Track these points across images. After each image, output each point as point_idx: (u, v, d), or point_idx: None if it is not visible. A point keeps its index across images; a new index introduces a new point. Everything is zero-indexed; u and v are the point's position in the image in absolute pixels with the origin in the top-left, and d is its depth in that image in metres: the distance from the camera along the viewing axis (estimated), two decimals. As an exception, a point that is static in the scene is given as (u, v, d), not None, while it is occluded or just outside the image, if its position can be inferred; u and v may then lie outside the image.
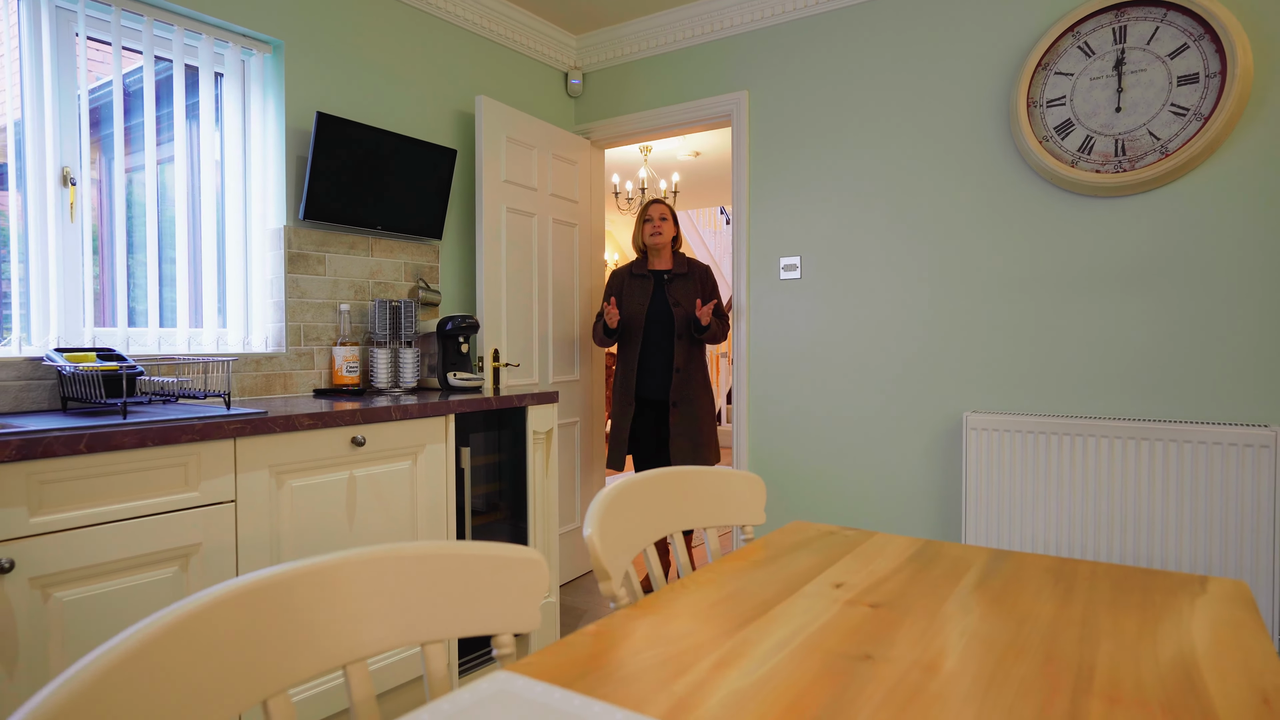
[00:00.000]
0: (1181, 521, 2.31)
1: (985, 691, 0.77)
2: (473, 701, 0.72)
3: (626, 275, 3.30)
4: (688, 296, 3.19)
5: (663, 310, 3.20)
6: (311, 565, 0.79)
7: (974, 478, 2.64)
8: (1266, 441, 2.20)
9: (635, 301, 3.23)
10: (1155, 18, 2.39)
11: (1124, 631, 0.93)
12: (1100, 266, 2.54)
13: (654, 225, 3.23)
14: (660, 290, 3.23)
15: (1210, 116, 2.31)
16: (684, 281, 3.22)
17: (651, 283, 3.23)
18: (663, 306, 3.20)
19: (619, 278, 3.31)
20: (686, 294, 3.20)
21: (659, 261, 3.28)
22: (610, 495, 1.16)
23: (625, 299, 3.25)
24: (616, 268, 3.14)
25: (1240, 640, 0.90)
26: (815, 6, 3.06)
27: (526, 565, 0.95)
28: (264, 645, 0.76)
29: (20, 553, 1.46)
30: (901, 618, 0.98)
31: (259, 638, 0.76)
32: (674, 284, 3.21)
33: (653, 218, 3.24)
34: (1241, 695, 0.76)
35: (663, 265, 3.28)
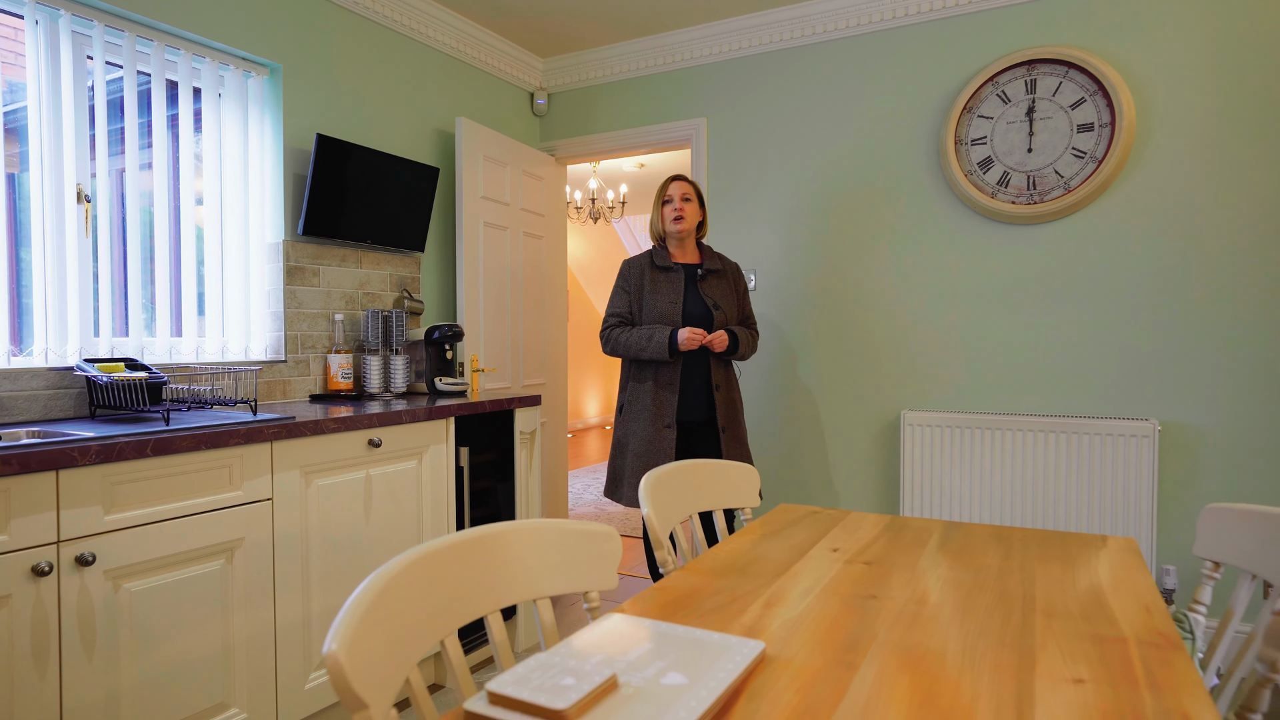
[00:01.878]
0: (1083, 496, 2.74)
1: (963, 615, 1.07)
2: (607, 630, 0.97)
3: (646, 266, 2.70)
4: (726, 298, 2.68)
5: (700, 312, 2.65)
6: (492, 530, 1.03)
7: (909, 466, 3.02)
8: (1147, 432, 2.64)
9: (665, 300, 2.64)
10: (1059, 74, 2.81)
11: (1051, 574, 1.26)
12: (1016, 284, 2.94)
13: (675, 207, 2.65)
14: (693, 288, 2.68)
15: (1103, 159, 2.74)
16: (718, 279, 2.70)
17: (681, 278, 2.67)
18: (699, 308, 2.65)
19: (636, 269, 2.71)
20: (724, 295, 2.68)
21: (684, 253, 2.73)
22: (659, 475, 1.42)
23: (650, 296, 2.66)
24: (630, 257, 2.74)
25: (1130, 576, 1.24)
26: (768, 45, 3.38)
27: (609, 538, 1.20)
28: (470, 579, 0.99)
29: (98, 548, 1.61)
30: (890, 571, 1.28)
31: (466, 574, 0.99)
32: (709, 280, 2.69)
33: (673, 197, 2.66)
34: (1131, 607, 1.09)
35: (690, 258, 2.74)
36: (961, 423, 2.93)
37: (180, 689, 1.77)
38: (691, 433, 2.70)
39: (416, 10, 3.16)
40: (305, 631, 2.08)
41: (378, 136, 3.07)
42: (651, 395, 2.64)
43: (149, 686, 1.71)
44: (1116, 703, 0.81)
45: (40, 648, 1.52)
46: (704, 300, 2.65)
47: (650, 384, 2.65)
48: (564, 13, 3.32)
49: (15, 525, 1.48)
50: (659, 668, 0.86)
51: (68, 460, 1.54)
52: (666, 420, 2.61)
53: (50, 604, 1.54)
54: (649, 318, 2.65)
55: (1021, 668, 0.90)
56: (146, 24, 2.34)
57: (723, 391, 2.66)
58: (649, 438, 2.62)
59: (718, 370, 2.66)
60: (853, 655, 0.93)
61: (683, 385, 2.65)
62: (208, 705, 1.83)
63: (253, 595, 1.93)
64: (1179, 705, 0.80)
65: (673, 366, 2.62)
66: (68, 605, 1.56)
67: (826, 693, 0.83)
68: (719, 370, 2.67)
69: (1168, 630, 1.00)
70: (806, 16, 3.25)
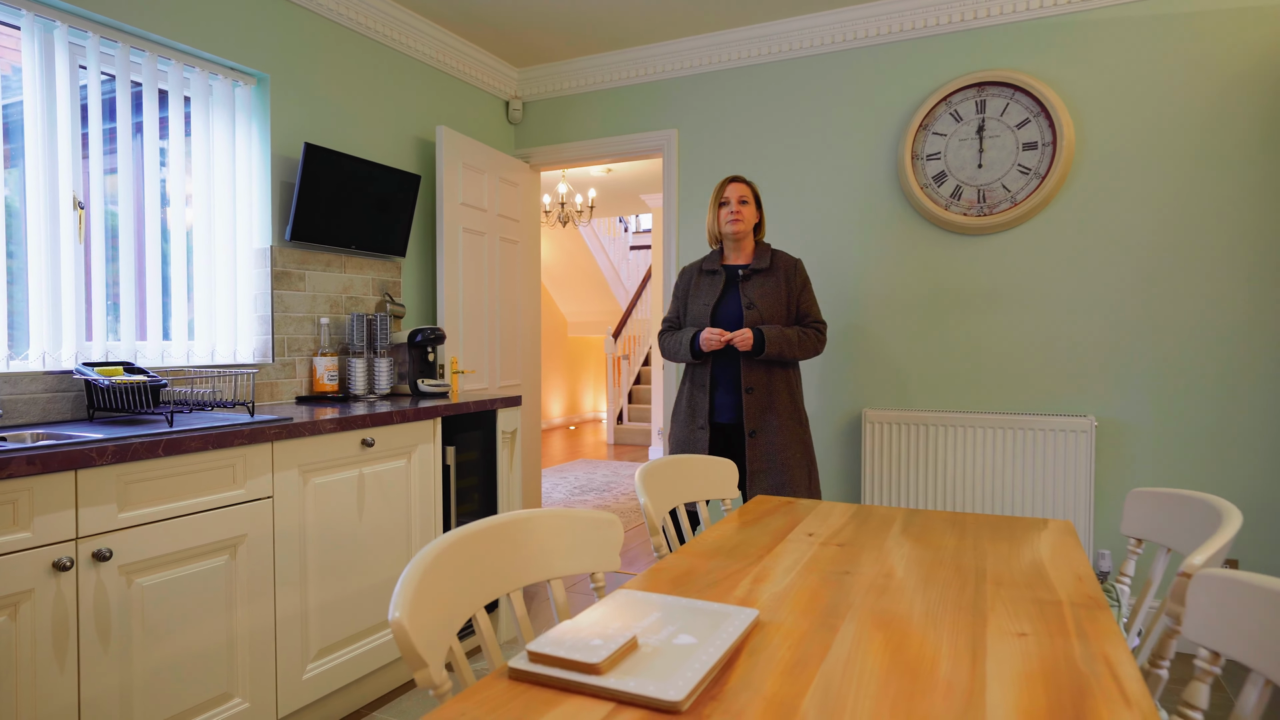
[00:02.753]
0: (1029, 485, 2.95)
1: (926, 585, 1.24)
2: (620, 603, 1.10)
3: (696, 272, 2.74)
4: (767, 296, 2.58)
5: (733, 313, 2.61)
6: (517, 516, 1.16)
7: (870, 459, 3.21)
8: (1086, 428, 2.87)
9: (700, 302, 2.65)
10: (1006, 96, 3.03)
11: (1000, 551, 1.43)
12: (968, 291, 3.15)
13: (731, 210, 2.62)
14: (733, 288, 2.64)
15: (1046, 175, 2.97)
16: (764, 278, 2.61)
17: (722, 279, 2.65)
18: (733, 308, 2.61)
19: (688, 276, 2.76)
20: (766, 294, 2.59)
21: (740, 254, 2.69)
22: (651, 467, 1.56)
23: (692, 300, 2.69)
24: (688, 265, 2.82)
25: (1066, 552, 1.42)
26: (737, 61, 3.54)
27: (612, 525, 1.33)
28: (498, 559, 1.12)
29: (113, 544, 1.69)
30: (860, 551, 1.44)
31: (495, 555, 1.11)
32: (751, 281, 2.61)
33: (729, 200, 2.63)
34: (1066, 576, 1.26)
35: (744, 259, 2.69)
36: (918, 420, 3.13)
37: (187, 679, 1.85)
38: (729, 435, 2.65)
39: (398, 22, 3.24)
40: (303, 624, 2.16)
41: (360, 144, 3.15)
42: (688, 397, 2.68)
43: (158, 677, 1.79)
44: (1052, 650, 0.97)
45: (60, 640, 1.60)
46: (740, 300, 2.60)
47: (688, 385, 2.69)
48: (539, 27, 3.43)
49: (38, 522, 1.55)
50: (670, 631, 1.00)
51: (86, 460, 1.61)
52: (700, 422, 2.61)
53: (69, 598, 1.61)
54: (688, 321, 2.70)
55: (975, 625, 1.06)
56: (139, 35, 2.40)
57: (755, 394, 2.55)
58: (684, 439, 2.66)
59: (751, 372, 2.56)
60: (833, 619, 1.08)
61: (715, 386, 2.62)
62: (213, 695, 1.92)
63: (254, 589, 2.02)
64: (1102, 650, 0.96)
65: (704, 368, 2.62)
66: (85, 599, 1.64)
67: (814, 648, 0.98)
68: (752, 372, 2.56)
69: (1095, 594, 1.18)
70: (773, 35, 3.42)
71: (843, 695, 0.85)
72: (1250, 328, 2.74)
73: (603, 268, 10.06)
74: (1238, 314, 2.76)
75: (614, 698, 0.85)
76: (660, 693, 0.83)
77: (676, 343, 2.68)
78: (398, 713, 2.39)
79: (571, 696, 0.86)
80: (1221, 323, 2.78)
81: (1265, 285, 2.72)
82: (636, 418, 9.33)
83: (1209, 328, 2.80)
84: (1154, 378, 2.88)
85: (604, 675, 0.88)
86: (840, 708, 0.82)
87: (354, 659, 2.32)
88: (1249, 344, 2.75)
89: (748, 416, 2.55)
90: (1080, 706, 0.82)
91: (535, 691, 0.87)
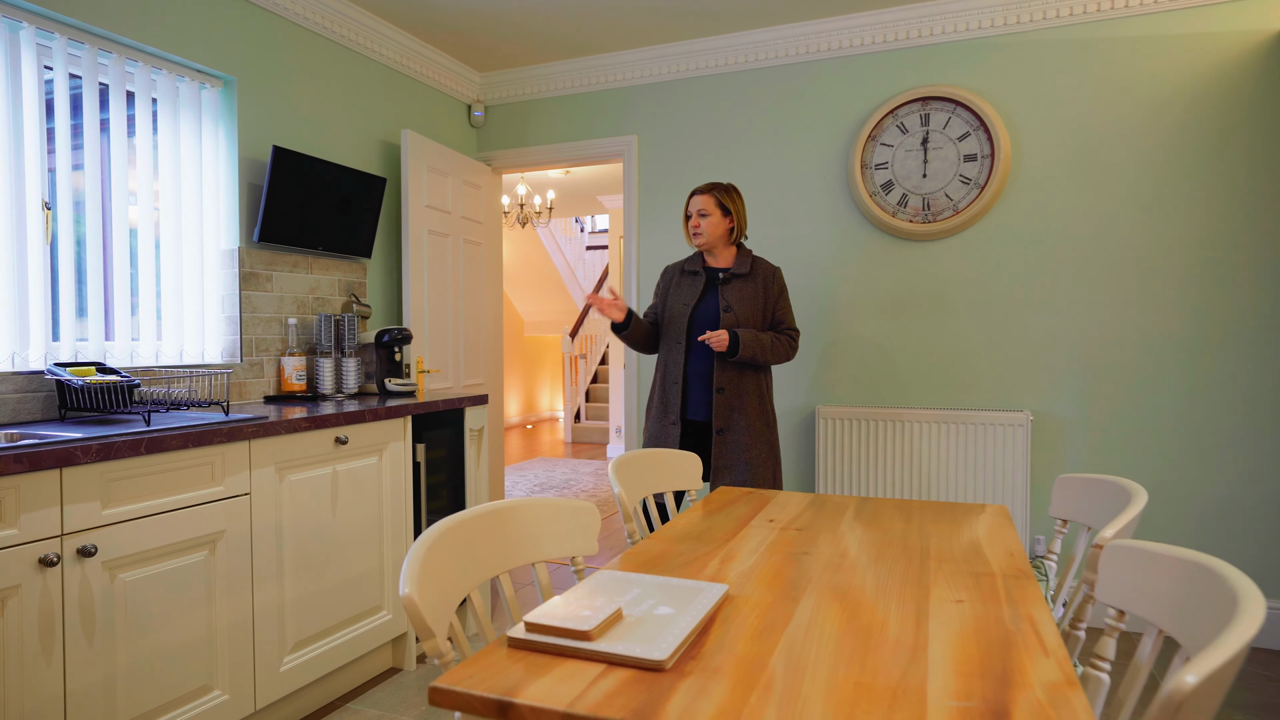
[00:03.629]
0: (969, 474, 3.15)
1: (876, 562, 1.37)
2: (602, 581, 1.20)
3: (678, 271, 2.84)
4: (745, 301, 2.68)
5: (710, 313, 2.70)
6: (508, 503, 1.25)
7: (823, 452, 3.37)
8: (1022, 422, 3.07)
9: (680, 301, 2.75)
10: (948, 110, 3.21)
11: (942, 533, 1.58)
12: (914, 293, 3.34)
13: (694, 224, 2.73)
14: (713, 290, 2.74)
15: (985, 185, 3.16)
16: (743, 283, 2.70)
17: (703, 280, 2.75)
18: (711, 309, 2.70)
19: (670, 274, 2.86)
20: (744, 298, 2.68)
21: (719, 259, 2.78)
22: (623, 459, 1.66)
23: (672, 298, 2.79)
24: (670, 264, 2.93)
25: (1001, 532, 1.57)
26: (696, 71, 3.67)
27: (591, 512, 1.44)
28: (491, 543, 1.21)
29: (98, 540, 1.73)
30: (817, 534, 1.57)
31: (488, 539, 1.21)
32: (730, 285, 2.70)
33: (691, 214, 2.74)
34: (999, 553, 1.41)
35: (724, 263, 2.78)
36: (868, 415, 3.30)
37: (168, 672, 1.90)
38: (700, 432, 2.74)
39: (364, 26, 3.28)
40: (280, 618, 2.21)
41: (327, 146, 3.18)
42: (661, 392, 2.76)
43: (141, 670, 1.83)
44: (985, 613, 1.11)
45: (46, 634, 1.63)
46: (718, 302, 2.69)
47: (660, 380, 2.77)
48: (502, 34, 3.51)
49: (25, 520, 1.59)
50: (651, 604, 1.11)
51: (71, 459, 1.65)
52: (672, 418, 2.70)
53: (55, 593, 1.65)
54: (666, 318, 2.79)
55: (919, 595, 1.19)
56: (106, 36, 2.41)
57: (726, 394, 2.64)
58: (656, 434, 2.76)
59: (723, 372, 2.65)
60: (795, 592, 1.21)
61: (689, 383, 2.71)
62: (193, 687, 1.96)
63: (233, 584, 2.07)
64: (1027, 613, 1.11)
65: (676, 363, 2.71)
66: (70, 594, 1.68)
67: (779, 616, 1.10)
68: (724, 372, 2.65)
69: (1024, 568, 1.32)
70: (731, 47, 3.56)
71: (805, 653, 0.97)
72: (1168, 330, 2.98)
73: (559, 267, 10.12)
74: (1158, 317, 2.99)
75: (605, 660, 0.95)
76: (646, 654, 0.94)
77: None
78: (372, 703, 2.45)
79: (566, 660, 0.96)
80: (1143, 325, 3.01)
81: (1182, 291, 2.96)
82: (594, 416, 9.42)
83: (1132, 330, 3.02)
84: (1083, 375, 3.09)
85: (594, 641, 0.98)
86: (803, 663, 0.94)
87: (329, 651, 2.37)
88: (1167, 345, 2.98)
89: (717, 415, 2.64)
90: (1006, 657, 0.96)
91: (533, 657, 0.97)
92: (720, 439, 2.65)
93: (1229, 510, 2.93)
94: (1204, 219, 2.93)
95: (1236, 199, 2.89)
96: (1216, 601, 0.88)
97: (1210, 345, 2.93)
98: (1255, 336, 2.88)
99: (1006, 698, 0.84)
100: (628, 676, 0.91)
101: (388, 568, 2.63)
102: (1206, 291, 2.93)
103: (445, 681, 0.90)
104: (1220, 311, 2.92)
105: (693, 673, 0.92)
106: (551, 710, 0.84)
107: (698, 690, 0.87)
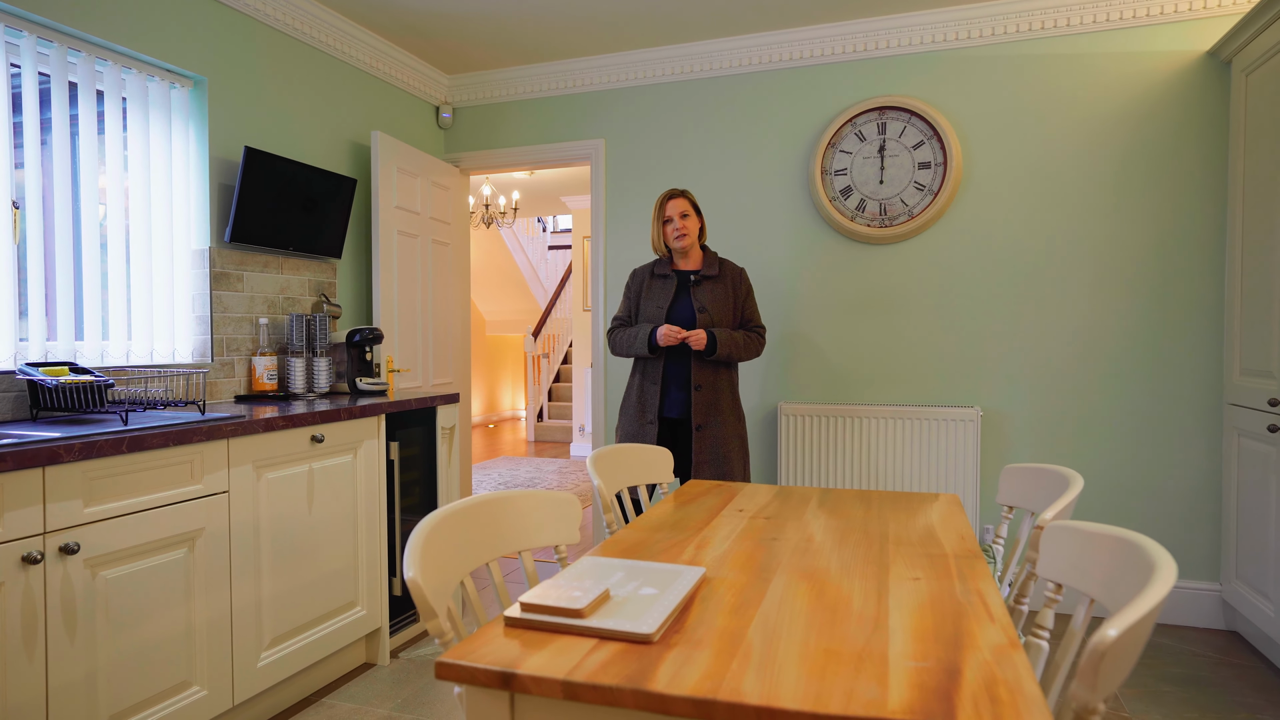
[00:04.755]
0: (924, 466, 3.30)
1: (840, 546, 1.48)
2: (582, 569, 1.28)
3: (648, 275, 2.93)
4: (717, 301, 2.80)
5: (685, 315, 2.81)
6: (500, 494, 1.32)
7: (785, 447, 3.49)
8: (973, 417, 3.24)
9: (654, 304, 2.84)
10: (904, 120, 3.36)
11: (900, 519, 1.69)
12: (871, 295, 3.48)
13: (676, 226, 2.80)
14: (685, 292, 2.86)
15: (938, 192, 3.31)
16: (713, 284, 2.82)
17: (674, 283, 2.85)
18: (685, 311, 2.82)
19: (640, 278, 2.94)
20: (716, 299, 2.80)
21: (686, 261, 2.90)
22: (601, 453, 1.74)
23: (645, 301, 2.88)
24: (637, 267, 3.01)
25: (953, 519, 1.69)
26: (663, 77, 3.76)
27: (573, 504, 1.52)
28: (483, 532, 1.28)
29: (80, 538, 1.75)
30: (785, 522, 1.68)
31: (481, 527, 1.27)
32: (702, 286, 2.82)
33: (673, 217, 2.81)
34: (951, 536, 1.53)
35: (692, 265, 2.90)
36: (828, 412, 3.43)
37: (148, 668, 1.92)
38: (676, 429, 2.86)
39: (334, 28, 3.30)
40: (258, 614, 2.24)
41: (296, 147, 3.19)
42: (638, 391, 2.86)
43: (122, 666, 1.85)
44: (938, 588, 1.22)
45: (29, 631, 1.65)
46: (692, 304, 2.80)
47: (638, 380, 2.88)
48: (470, 39, 3.55)
49: (8, 517, 1.61)
50: (635, 585, 1.19)
51: (54, 457, 1.67)
52: (650, 417, 2.80)
53: (38, 590, 1.67)
54: (641, 320, 2.88)
55: (879, 574, 1.30)
56: (75, 35, 2.40)
57: (703, 392, 2.76)
58: (633, 432, 2.85)
59: (700, 371, 2.77)
60: (767, 573, 1.31)
61: (667, 383, 2.82)
62: (172, 683, 1.98)
63: (211, 581, 2.09)
64: (976, 587, 1.22)
65: (656, 364, 2.80)
66: (53, 592, 1.69)
67: (753, 594, 1.20)
68: (701, 371, 2.77)
69: (974, 549, 1.44)
70: (696, 54, 3.66)
71: (778, 626, 1.07)
72: (1105, 330, 3.17)
73: (521, 267, 10.14)
74: (1096, 318, 3.18)
75: (597, 635, 1.03)
76: (635, 628, 1.02)
77: (631, 337, 2.84)
78: (347, 697, 2.49)
79: (561, 636, 1.04)
80: (1085, 326, 3.20)
81: (1117, 293, 3.15)
82: (557, 415, 9.46)
83: (1075, 330, 3.21)
84: (1030, 373, 3.27)
85: (586, 618, 1.06)
86: (777, 634, 1.04)
87: (305, 647, 2.40)
88: (1106, 344, 3.17)
89: (696, 412, 2.76)
90: (958, 624, 1.06)
91: (529, 634, 1.05)
92: (700, 435, 2.77)
93: (1158, 496, 3.12)
94: (1138, 225, 3.13)
95: (1169, 206, 3.09)
96: (1137, 570, 1.00)
97: (1141, 345, 3.13)
98: (1183, 338, 3.08)
99: (958, 658, 0.95)
100: (619, 649, 0.99)
101: (362, 565, 2.67)
102: (1139, 294, 3.13)
103: (450, 657, 0.97)
104: (1151, 313, 3.11)
105: (678, 644, 1.01)
106: (552, 679, 0.92)
107: (684, 659, 0.96)
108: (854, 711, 0.81)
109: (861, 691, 0.86)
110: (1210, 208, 3.05)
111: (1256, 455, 2.74)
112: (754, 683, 0.89)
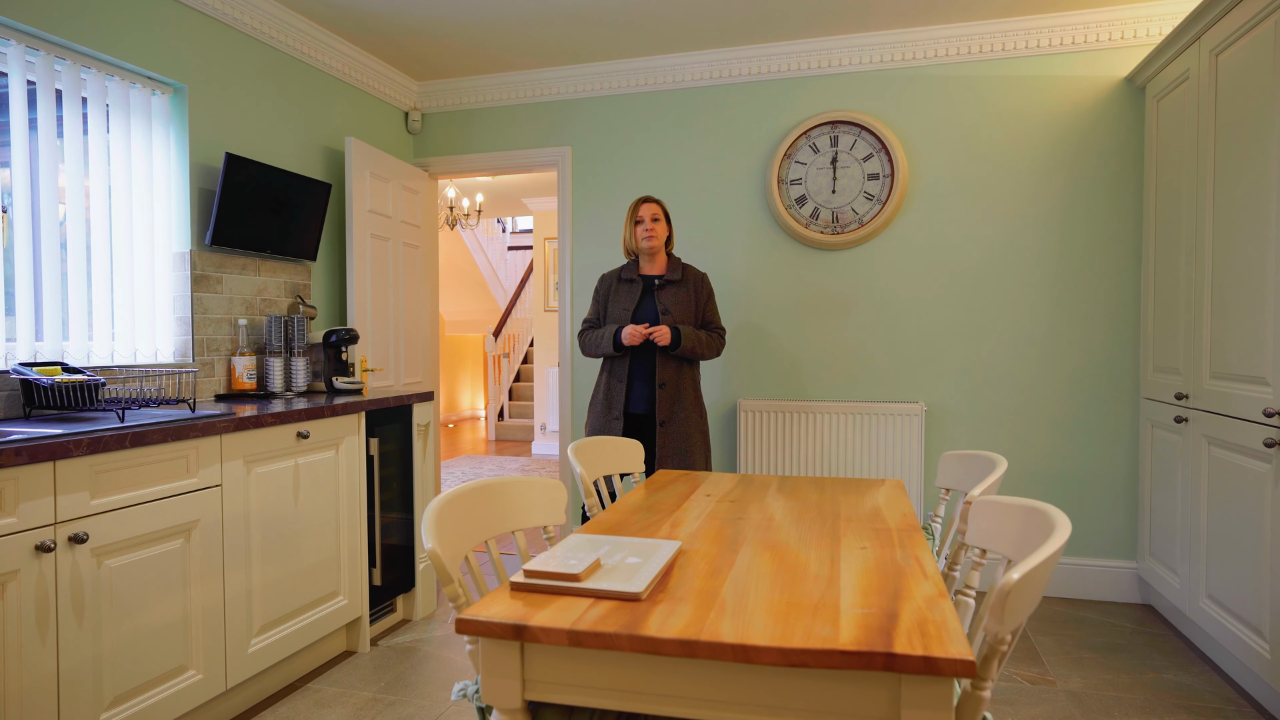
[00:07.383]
0: (872, 458, 3.54)
1: (797, 523, 1.67)
2: (573, 544, 1.45)
3: (615, 280, 3.11)
4: (680, 304, 3.00)
5: (650, 318, 3.01)
6: (499, 480, 1.48)
7: (744, 440, 3.70)
8: (917, 412, 3.49)
9: (620, 307, 3.03)
10: (854, 133, 3.59)
11: (850, 501, 1.90)
12: (825, 298, 3.71)
13: (646, 228, 3.00)
14: (649, 296, 3.04)
15: (886, 201, 3.55)
16: (677, 288, 3.02)
17: (640, 287, 3.04)
18: (650, 314, 3.01)
19: (607, 283, 3.13)
20: (679, 302, 3.00)
21: (651, 266, 3.09)
22: (581, 444, 1.91)
23: (612, 304, 3.07)
24: (606, 272, 3.19)
25: (897, 501, 1.90)
26: (627, 88, 3.93)
27: (560, 489, 1.68)
28: (485, 512, 1.43)
29: (88, 528, 1.84)
30: (748, 504, 1.87)
31: (483, 508, 1.43)
32: (665, 290, 3.01)
33: (644, 219, 3.01)
34: (895, 513, 1.74)
35: (658, 270, 3.09)
36: (784, 408, 3.65)
37: (149, 653, 2.02)
38: (641, 424, 3.04)
39: (309, 36, 3.39)
40: (248, 602, 2.35)
41: (273, 152, 3.28)
42: (605, 389, 3.04)
43: (125, 651, 1.95)
44: (882, 555, 1.42)
45: (42, 616, 1.75)
46: (656, 307, 2.99)
47: (605, 378, 3.06)
48: (439, 48, 3.67)
49: (23, 509, 1.70)
50: (621, 556, 1.36)
51: (65, 451, 1.77)
52: (615, 412, 2.98)
53: (50, 578, 1.76)
54: (609, 322, 3.07)
55: (832, 545, 1.49)
56: (60, 44, 2.46)
57: (667, 389, 2.94)
58: (600, 427, 3.03)
59: (664, 369, 2.95)
60: (735, 546, 1.49)
61: (633, 380, 3.00)
62: (170, 667, 2.09)
63: (206, 570, 2.20)
64: (914, 554, 1.42)
65: (622, 363, 2.99)
66: (63, 579, 1.79)
67: (724, 563, 1.38)
68: (665, 369, 2.95)
69: (914, 524, 1.65)
70: (659, 67, 3.84)
71: (747, 585, 1.25)
72: (1040, 331, 3.44)
73: (481, 267, 10.21)
74: (1029, 320, 3.46)
75: (593, 595, 1.20)
76: (627, 588, 1.19)
77: (599, 338, 3.03)
78: (331, 682, 2.61)
79: (561, 597, 1.20)
80: (1017, 326, 3.47)
81: (1050, 298, 3.43)
82: (518, 414, 9.56)
83: (1010, 331, 3.48)
84: (969, 371, 3.53)
85: (583, 581, 1.23)
86: (746, 592, 1.22)
87: (292, 634, 2.51)
88: (1035, 344, 3.45)
89: (660, 408, 2.95)
90: (898, 582, 1.26)
91: (533, 596, 1.21)
92: (664, 429, 2.95)
93: (1082, 482, 3.42)
94: (1064, 234, 3.41)
95: (1091, 218, 3.38)
96: (1041, 530, 1.21)
97: (1066, 345, 3.41)
98: (1103, 338, 3.37)
99: (897, 606, 1.14)
100: (613, 606, 1.16)
101: (344, 556, 2.78)
102: (1065, 298, 3.41)
103: (468, 614, 1.13)
104: (1075, 316, 3.40)
105: (663, 601, 1.18)
106: (559, 629, 1.08)
107: (669, 612, 1.13)
108: (813, 645, 1.00)
109: (818, 631, 1.05)
110: (1127, 220, 3.35)
111: (1166, 444, 3.04)
112: (730, 627, 1.07)
